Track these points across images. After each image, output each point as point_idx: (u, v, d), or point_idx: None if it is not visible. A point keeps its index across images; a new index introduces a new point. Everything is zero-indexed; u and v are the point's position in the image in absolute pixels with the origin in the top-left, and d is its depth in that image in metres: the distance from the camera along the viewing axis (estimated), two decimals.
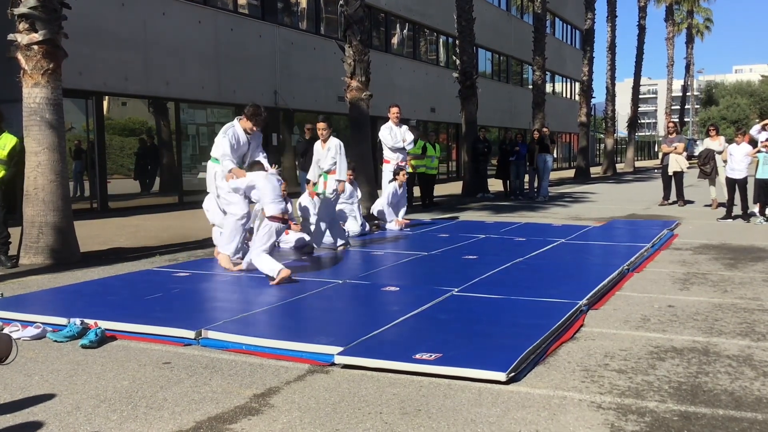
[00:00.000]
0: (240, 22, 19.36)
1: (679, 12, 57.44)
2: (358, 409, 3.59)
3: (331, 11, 23.34)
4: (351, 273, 7.39)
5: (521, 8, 39.74)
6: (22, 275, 7.61)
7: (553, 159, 20.66)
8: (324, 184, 8.92)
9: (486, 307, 5.64)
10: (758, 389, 3.84)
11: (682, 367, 4.23)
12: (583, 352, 4.55)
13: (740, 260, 8.18)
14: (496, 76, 36.91)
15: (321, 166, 8.96)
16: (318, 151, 9.02)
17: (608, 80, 36.60)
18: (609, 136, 37.26)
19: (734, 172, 12.54)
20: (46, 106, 8.41)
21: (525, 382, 3.97)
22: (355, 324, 5.20)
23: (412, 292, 6.38)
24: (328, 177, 8.88)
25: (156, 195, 17.41)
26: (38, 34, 8.36)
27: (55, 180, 8.46)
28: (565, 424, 3.38)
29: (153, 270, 7.71)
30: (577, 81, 42.18)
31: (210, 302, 6.24)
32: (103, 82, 15.17)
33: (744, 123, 58.03)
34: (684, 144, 16.04)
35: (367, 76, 14.37)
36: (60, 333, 4.97)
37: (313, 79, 21.87)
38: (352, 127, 14.63)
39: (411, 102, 25.82)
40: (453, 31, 22.17)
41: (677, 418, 3.45)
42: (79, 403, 3.71)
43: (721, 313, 5.59)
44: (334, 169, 8.85)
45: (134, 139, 17.14)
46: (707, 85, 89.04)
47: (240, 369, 4.28)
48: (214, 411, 3.59)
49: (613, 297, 6.21)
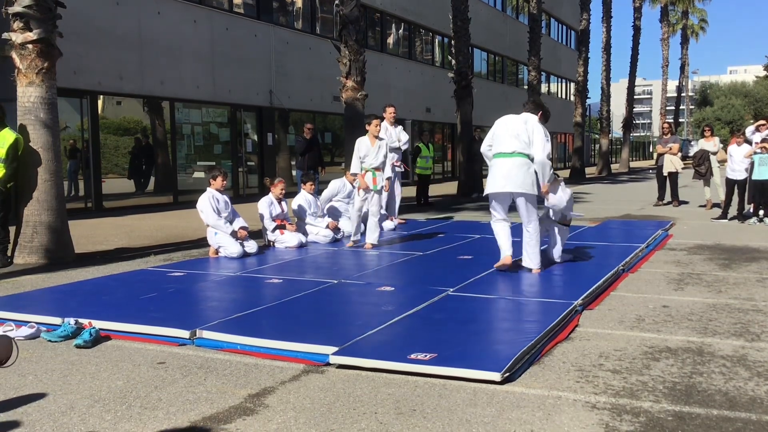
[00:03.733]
0: (235, 22, 19.34)
1: (674, 13, 57.65)
2: (353, 409, 3.59)
3: (326, 11, 23.33)
4: (346, 273, 7.39)
5: (516, 8, 39.80)
6: (16, 275, 7.59)
7: None
8: (373, 180, 9.12)
9: (481, 307, 5.65)
10: (752, 389, 3.85)
11: (676, 367, 4.24)
12: (577, 352, 4.56)
13: (734, 261, 8.20)
14: (492, 77, 36.95)
15: (369, 162, 9.11)
16: (367, 147, 9.15)
17: (603, 81, 36.68)
18: (604, 137, 37.34)
19: (735, 173, 12.56)
20: (40, 106, 8.39)
21: (520, 382, 3.97)
22: (350, 324, 5.19)
23: (407, 292, 6.37)
24: (377, 174, 9.14)
25: (151, 195, 17.38)
26: (33, 33, 8.34)
27: (49, 179, 8.44)
28: (559, 424, 3.39)
29: (148, 270, 7.69)
30: (572, 81, 42.31)
31: (205, 302, 6.23)
32: (97, 81, 15.14)
33: (739, 124, 58.23)
34: (679, 144, 16.08)
35: (363, 76, 14.37)
36: (54, 333, 4.96)
37: (308, 78, 21.86)
38: (347, 127, 14.62)
39: (406, 102, 25.83)
40: (448, 31, 22.18)
41: (672, 418, 3.46)
42: (74, 403, 3.70)
43: (716, 313, 5.61)
44: (380, 167, 9.18)
45: (129, 138, 17.11)
46: (702, 86, 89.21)
47: (235, 369, 4.28)
48: (208, 411, 3.59)
49: (608, 297, 6.22)
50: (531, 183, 6.93)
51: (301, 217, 9.89)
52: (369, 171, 9.12)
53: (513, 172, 6.90)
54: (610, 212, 14.42)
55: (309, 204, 9.91)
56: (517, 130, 6.98)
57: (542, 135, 6.96)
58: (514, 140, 6.94)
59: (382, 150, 9.19)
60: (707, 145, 14.86)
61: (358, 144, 9.20)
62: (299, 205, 9.91)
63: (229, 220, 8.68)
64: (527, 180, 6.89)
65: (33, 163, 8.37)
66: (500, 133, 7.10)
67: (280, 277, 7.15)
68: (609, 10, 36.25)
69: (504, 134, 7.05)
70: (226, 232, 8.50)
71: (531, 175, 6.93)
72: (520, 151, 6.91)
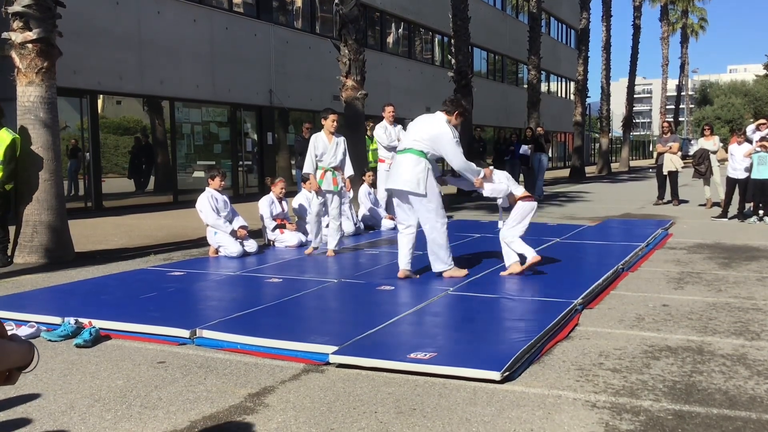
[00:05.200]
0: (235, 21, 19.34)
1: (674, 12, 57.59)
2: (353, 409, 3.59)
3: (326, 10, 23.31)
4: (346, 272, 7.39)
5: (516, 7, 39.79)
6: (16, 274, 7.59)
7: (548, 158, 20.68)
8: (333, 180, 8.58)
9: (481, 306, 5.64)
10: (752, 388, 3.85)
11: (676, 366, 4.24)
12: (577, 351, 4.56)
13: (734, 259, 8.20)
14: (491, 76, 36.94)
15: (327, 161, 8.54)
16: (324, 144, 8.56)
17: (603, 80, 36.63)
18: (604, 136, 37.31)
19: (736, 172, 12.55)
20: (40, 105, 8.38)
21: (520, 381, 3.97)
22: (350, 323, 5.19)
23: (407, 291, 6.37)
24: (336, 174, 8.59)
25: (150, 194, 17.38)
26: (32, 32, 8.33)
27: (49, 179, 8.44)
28: (559, 423, 3.39)
29: (147, 269, 7.69)
30: (572, 80, 42.27)
31: (205, 301, 6.23)
32: (97, 80, 15.14)
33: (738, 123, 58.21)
34: (678, 143, 16.08)
35: (363, 75, 14.37)
36: (54, 332, 4.96)
37: (308, 78, 21.86)
38: (347, 127, 14.59)
39: (406, 101, 25.81)
40: (448, 30, 22.16)
41: (671, 417, 3.46)
42: (73, 403, 3.70)
43: (716, 312, 5.61)
44: (340, 166, 8.63)
45: (129, 137, 17.10)
46: (702, 85, 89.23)
47: (235, 368, 4.28)
48: (208, 410, 3.59)
49: (608, 296, 6.22)
50: (416, 181, 6.56)
51: (301, 216, 9.89)
52: (328, 171, 8.56)
53: (400, 169, 6.68)
54: (610, 211, 14.42)
55: (309, 203, 9.91)
56: (418, 127, 6.78)
57: (450, 140, 6.64)
58: (411, 137, 6.75)
59: (340, 147, 8.61)
60: (707, 144, 14.86)
61: (313, 141, 8.57)
62: (299, 204, 9.92)
63: (229, 220, 8.68)
64: (413, 178, 6.56)
65: (33, 165, 8.36)
66: (408, 131, 6.96)
67: (280, 276, 7.15)
68: (609, 8, 36.19)
69: (409, 132, 6.89)
70: (225, 232, 8.50)
71: (419, 172, 6.56)
72: (411, 147, 6.67)
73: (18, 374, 1.64)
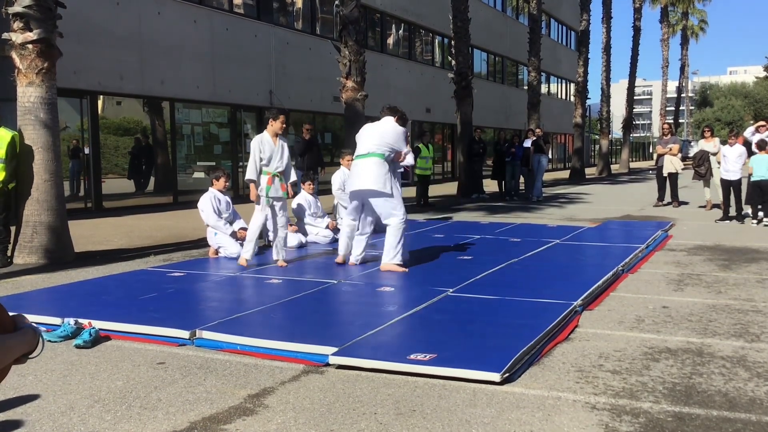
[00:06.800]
0: (235, 22, 19.34)
1: (674, 13, 57.61)
2: (352, 410, 3.59)
3: (326, 11, 23.33)
4: (346, 273, 7.39)
5: (516, 9, 39.78)
6: (16, 275, 7.59)
7: (548, 160, 20.70)
8: (282, 186, 7.89)
9: (481, 308, 5.64)
10: (752, 390, 3.85)
11: (676, 368, 4.24)
12: (577, 352, 4.56)
13: (734, 261, 8.20)
14: (492, 77, 36.94)
15: (275, 165, 7.77)
16: (270, 147, 7.75)
17: (603, 81, 36.67)
18: (604, 137, 37.33)
19: (729, 174, 12.56)
20: (40, 106, 8.39)
21: (519, 383, 3.97)
22: (350, 324, 5.20)
23: (407, 292, 6.38)
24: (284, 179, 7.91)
25: (151, 195, 17.37)
26: (33, 33, 8.33)
27: (49, 179, 8.44)
28: (559, 424, 3.39)
29: (147, 270, 7.69)
30: (572, 82, 42.27)
31: (204, 302, 6.23)
32: (97, 81, 15.13)
33: (738, 125, 58.24)
34: (678, 145, 16.08)
35: (363, 77, 14.38)
36: (54, 333, 4.95)
37: (308, 79, 21.86)
38: (347, 128, 14.62)
39: (406, 102, 25.78)
40: (448, 31, 22.18)
41: (671, 418, 3.46)
42: (73, 404, 3.70)
43: (715, 314, 5.61)
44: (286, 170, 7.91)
45: (129, 138, 17.10)
46: (702, 87, 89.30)
47: (234, 369, 4.27)
48: (208, 411, 3.59)
49: (608, 298, 6.22)
50: (383, 181, 7.31)
51: (300, 217, 9.89)
52: (276, 176, 7.75)
53: (365, 171, 7.35)
54: (610, 213, 14.42)
55: (309, 204, 9.92)
56: (378, 133, 7.47)
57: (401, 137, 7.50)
58: (371, 142, 7.44)
59: (285, 151, 7.81)
60: (707, 145, 14.85)
61: (258, 144, 7.65)
62: (299, 205, 9.91)
63: (230, 221, 8.67)
64: (379, 179, 7.29)
65: (27, 160, 8.36)
66: (360, 137, 7.63)
67: (279, 277, 7.15)
68: (609, 10, 36.22)
69: (362, 138, 7.57)
70: (225, 233, 8.49)
71: (383, 174, 7.32)
72: (374, 152, 7.39)
73: (24, 359, 1.67)
